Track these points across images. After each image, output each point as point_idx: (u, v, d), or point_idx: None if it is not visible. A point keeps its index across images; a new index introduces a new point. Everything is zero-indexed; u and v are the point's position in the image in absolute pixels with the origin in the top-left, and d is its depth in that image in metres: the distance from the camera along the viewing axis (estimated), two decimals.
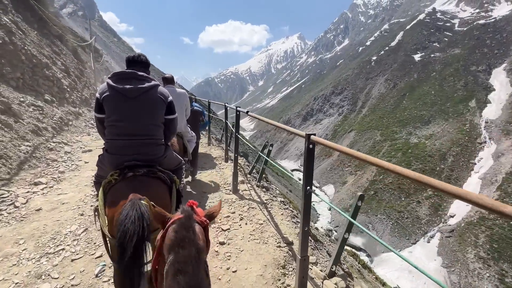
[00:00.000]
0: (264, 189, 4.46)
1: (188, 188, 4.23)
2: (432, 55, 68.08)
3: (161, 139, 1.79)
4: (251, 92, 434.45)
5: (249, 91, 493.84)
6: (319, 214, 39.99)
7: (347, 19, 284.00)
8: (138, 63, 1.80)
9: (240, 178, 4.50)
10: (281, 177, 34.10)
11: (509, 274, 22.94)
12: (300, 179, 49.75)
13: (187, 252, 0.85)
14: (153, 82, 1.71)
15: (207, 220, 1.03)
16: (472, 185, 34.54)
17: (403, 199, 35.69)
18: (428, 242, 30.41)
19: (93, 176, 1.88)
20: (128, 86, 1.61)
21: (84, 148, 6.23)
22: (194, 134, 4.06)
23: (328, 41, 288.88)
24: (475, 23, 71.51)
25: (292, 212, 3.71)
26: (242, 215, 3.39)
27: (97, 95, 1.68)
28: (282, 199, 4.26)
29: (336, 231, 35.34)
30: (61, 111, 7.32)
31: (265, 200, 3.88)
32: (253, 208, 3.59)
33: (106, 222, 1.43)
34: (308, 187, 1.91)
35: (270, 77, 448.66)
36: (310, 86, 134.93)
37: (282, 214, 3.52)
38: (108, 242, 1.47)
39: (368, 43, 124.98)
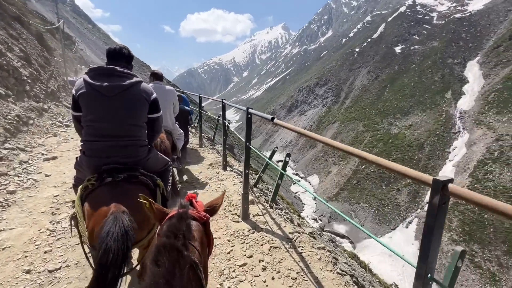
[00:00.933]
0: (279, 210, 3.65)
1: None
2: (412, 48, 70.03)
3: (144, 139, 1.68)
4: (236, 83, 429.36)
5: (233, 82, 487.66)
6: (304, 204, 40.89)
7: (331, 10, 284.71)
8: (120, 55, 1.66)
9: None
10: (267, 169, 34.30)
11: (478, 254, 24.75)
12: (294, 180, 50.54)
13: (170, 257, 0.77)
14: (134, 79, 1.58)
15: (207, 215, 0.97)
16: (446, 172, 36.48)
17: (384, 187, 37.16)
18: (407, 227, 32.05)
19: (73, 179, 1.75)
20: (105, 84, 1.49)
21: (46, 154, 5.01)
22: (182, 131, 4.08)
23: (312, 32, 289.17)
24: (452, 17, 74.02)
25: (330, 253, 2.67)
26: (263, 260, 2.40)
27: (73, 91, 1.57)
28: (310, 230, 3.29)
29: (321, 220, 36.36)
30: (20, 107, 6.12)
31: (289, 232, 2.90)
32: (276, 247, 2.61)
33: (86, 231, 1.33)
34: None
35: (255, 68, 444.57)
36: (294, 77, 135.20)
37: (319, 259, 2.51)
38: (88, 252, 1.42)
39: (351, 35, 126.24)
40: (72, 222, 1.49)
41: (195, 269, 0.81)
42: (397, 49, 73.01)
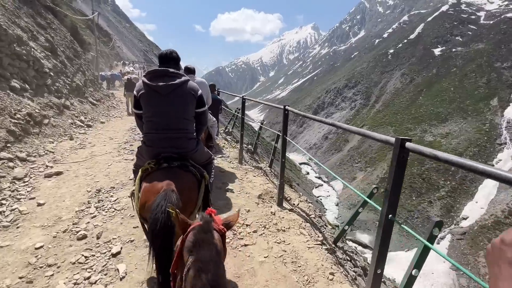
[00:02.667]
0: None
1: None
2: (453, 50, 64.82)
3: (193, 133, 1.90)
4: (262, 83, 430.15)
5: (259, 82, 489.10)
6: (326, 209, 39.61)
7: (364, 9, 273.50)
8: (170, 59, 1.91)
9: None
10: (288, 170, 33.69)
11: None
12: (308, 173, 48.67)
13: (208, 253, 0.90)
14: (183, 78, 1.80)
15: (225, 228, 1.07)
16: (488, 187, 33.21)
17: (414, 198, 34.79)
18: (438, 243, 29.65)
19: (133, 165, 2.04)
20: (161, 83, 1.72)
21: (51, 167, 3.99)
22: (215, 119, 4.39)
23: (343, 32, 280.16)
24: (502, 16, 67.25)
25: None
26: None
27: (135, 92, 1.83)
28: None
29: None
30: (37, 103, 5.41)
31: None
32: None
33: (138, 204, 1.57)
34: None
35: (282, 68, 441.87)
36: (322, 78, 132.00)
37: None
38: (143, 223, 1.66)
39: (385, 35, 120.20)
40: (132, 197, 1.80)
41: (224, 269, 0.96)
42: (437, 51, 68.04)
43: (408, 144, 1.49)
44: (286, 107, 3.29)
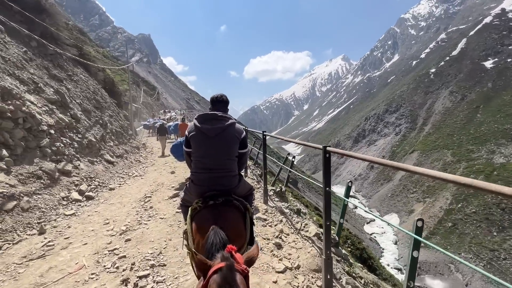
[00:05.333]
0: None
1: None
2: (509, 60, 58.43)
3: (235, 170, 1.97)
4: (296, 117, 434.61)
5: (294, 116, 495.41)
6: (383, 249, 34.71)
7: (395, 35, 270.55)
8: (220, 102, 2.07)
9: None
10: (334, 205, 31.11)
11: None
12: (356, 207, 44.56)
13: None
14: (230, 121, 1.92)
15: (247, 268, 1.02)
16: None
17: (495, 234, 28.69)
18: None
19: (180, 200, 2.11)
20: (209, 126, 1.86)
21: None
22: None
23: (375, 59, 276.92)
24: None
25: None
26: None
27: (186, 133, 2.00)
28: None
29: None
30: (13, 175, 4.44)
31: None
32: None
33: (194, 243, 1.62)
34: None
35: (315, 100, 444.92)
36: (359, 106, 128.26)
37: None
38: (194, 260, 1.62)
39: (422, 56, 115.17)
40: (184, 235, 1.84)
41: None
42: (488, 64, 62.03)
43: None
44: (327, 148, 2.43)
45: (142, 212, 4.67)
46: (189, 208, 1.80)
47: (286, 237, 3.53)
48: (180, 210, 2.25)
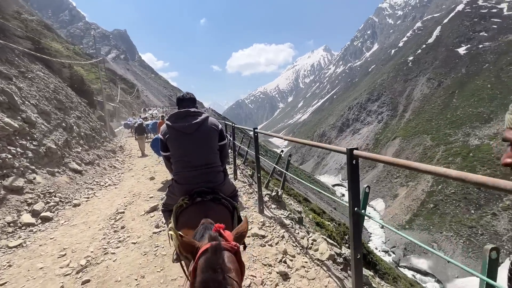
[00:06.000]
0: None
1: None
2: (480, 46, 61.11)
3: (219, 165, 1.93)
4: (282, 109, 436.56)
5: (279, 108, 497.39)
6: (371, 233, 36.02)
7: (374, 24, 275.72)
8: (187, 100, 2.01)
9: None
10: (321, 193, 31.72)
11: None
12: (343, 195, 45.87)
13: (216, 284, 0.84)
14: (204, 115, 1.88)
15: (237, 244, 0.99)
16: None
17: (472, 211, 30.42)
18: None
19: (162, 205, 2.01)
20: (185, 124, 1.81)
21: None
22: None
23: (356, 49, 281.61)
24: None
25: None
26: None
27: (160, 136, 1.91)
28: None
29: (394, 253, 31.16)
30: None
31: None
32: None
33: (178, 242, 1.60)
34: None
35: (299, 92, 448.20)
36: (342, 96, 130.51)
37: None
38: (183, 261, 1.58)
39: (400, 44, 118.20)
40: (170, 236, 1.73)
41: None
42: (461, 50, 64.61)
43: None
44: (354, 151, 1.87)
45: (111, 234, 3.81)
46: (174, 206, 1.71)
47: (291, 260, 2.84)
48: (162, 218, 2.20)
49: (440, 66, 64.35)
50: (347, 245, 3.08)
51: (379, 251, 30.36)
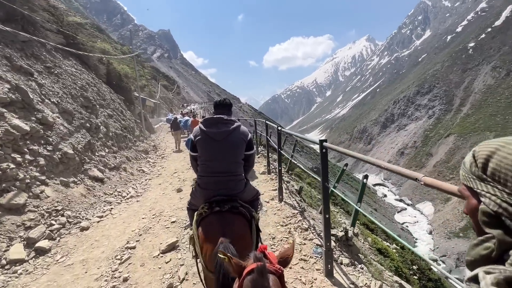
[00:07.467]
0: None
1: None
2: None
3: (241, 174, 1.97)
4: (319, 104, 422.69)
5: (316, 103, 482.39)
6: (417, 239, 32.99)
7: (426, 8, 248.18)
8: (223, 105, 2.08)
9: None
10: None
11: None
12: (385, 196, 42.77)
13: None
14: (235, 124, 1.94)
15: (281, 268, 0.99)
16: None
17: None
18: None
19: (187, 203, 2.12)
20: (216, 130, 1.89)
21: None
22: None
23: (404, 37, 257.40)
24: None
25: None
26: None
27: (192, 136, 1.98)
28: None
29: (444, 262, 28.17)
30: None
31: None
32: None
33: (202, 252, 1.64)
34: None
35: (338, 86, 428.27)
36: (386, 89, 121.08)
37: None
38: (202, 269, 1.70)
39: (458, 29, 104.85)
40: (191, 241, 1.85)
41: None
42: None
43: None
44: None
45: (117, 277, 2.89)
46: (195, 213, 1.83)
47: None
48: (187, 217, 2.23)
49: (509, 53, 55.44)
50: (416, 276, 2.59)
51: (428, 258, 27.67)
